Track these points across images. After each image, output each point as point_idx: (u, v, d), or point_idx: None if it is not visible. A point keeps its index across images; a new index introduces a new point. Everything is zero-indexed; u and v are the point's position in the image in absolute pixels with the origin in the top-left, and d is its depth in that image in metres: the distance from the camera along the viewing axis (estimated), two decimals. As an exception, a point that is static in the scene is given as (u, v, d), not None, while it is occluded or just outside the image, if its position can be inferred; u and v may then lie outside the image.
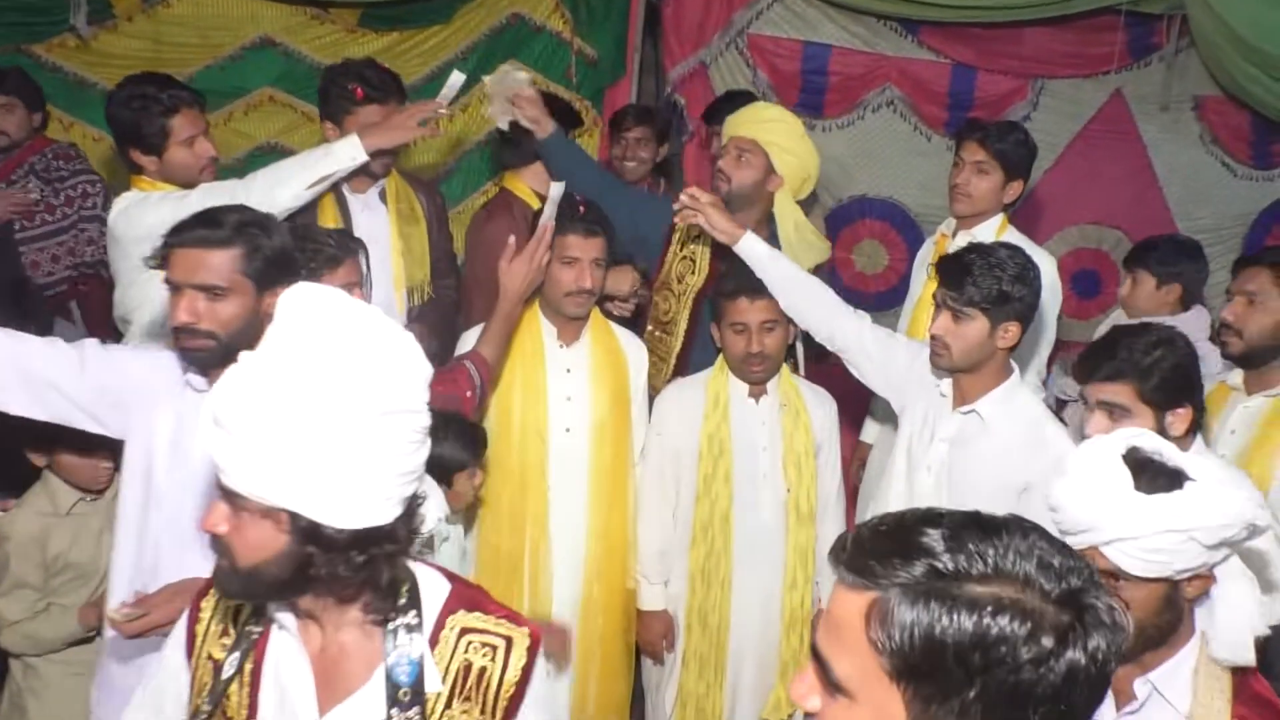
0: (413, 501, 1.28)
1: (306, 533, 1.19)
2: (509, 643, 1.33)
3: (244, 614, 1.37)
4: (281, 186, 2.62)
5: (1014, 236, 2.97)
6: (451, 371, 2.40)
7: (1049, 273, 2.77)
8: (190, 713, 1.37)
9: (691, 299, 2.93)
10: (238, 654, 1.33)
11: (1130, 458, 1.48)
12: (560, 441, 2.61)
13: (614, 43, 4.43)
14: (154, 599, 1.83)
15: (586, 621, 2.65)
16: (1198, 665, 1.48)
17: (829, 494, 2.73)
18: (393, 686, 1.28)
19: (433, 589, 1.34)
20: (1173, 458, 1.49)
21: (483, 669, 1.32)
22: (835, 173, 4.47)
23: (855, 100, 4.48)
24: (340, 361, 1.17)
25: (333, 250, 2.25)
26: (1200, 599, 1.51)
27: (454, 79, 2.70)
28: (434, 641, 1.31)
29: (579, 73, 4.40)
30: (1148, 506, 1.42)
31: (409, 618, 1.29)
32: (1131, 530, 1.42)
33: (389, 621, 1.29)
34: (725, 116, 3.09)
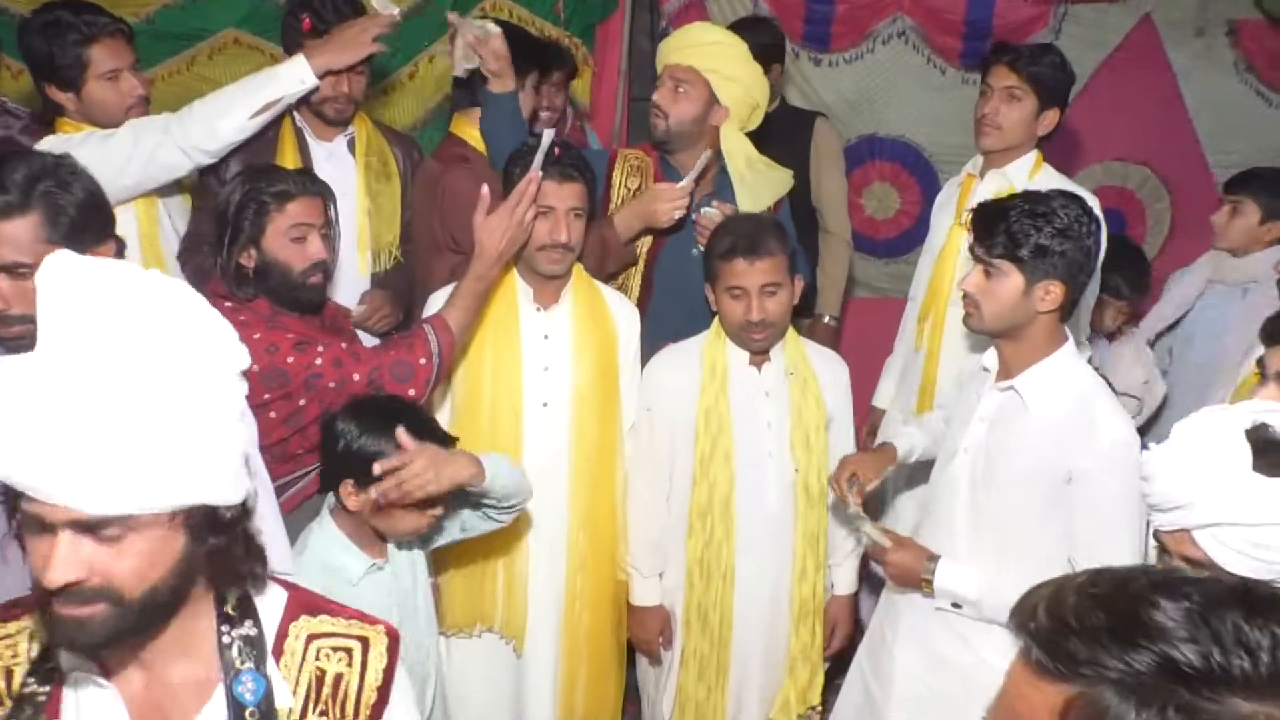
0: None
1: (203, 524, 1.04)
2: (365, 644, 1.20)
3: (16, 675, 1.09)
4: (222, 118, 2.32)
5: (1051, 176, 2.58)
6: (407, 336, 2.08)
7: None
8: None
9: (643, 261, 2.58)
10: None
11: (1256, 435, 1.27)
12: (537, 417, 2.25)
13: (604, -27, 4.03)
14: None
15: (571, 618, 2.32)
16: None
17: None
18: (237, 708, 1.10)
19: (268, 596, 1.18)
20: None
21: (339, 675, 1.18)
22: (843, 110, 4.07)
23: (864, 31, 4.05)
24: (149, 332, 0.98)
25: (285, 186, 1.97)
26: None
27: None
28: (278, 652, 1.16)
29: (567, 7, 3.93)
30: (1265, 490, 1.23)
31: (245, 628, 1.13)
32: (1238, 514, 1.23)
33: (221, 637, 1.12)
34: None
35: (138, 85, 2.40)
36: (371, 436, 1.79)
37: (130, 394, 0.94)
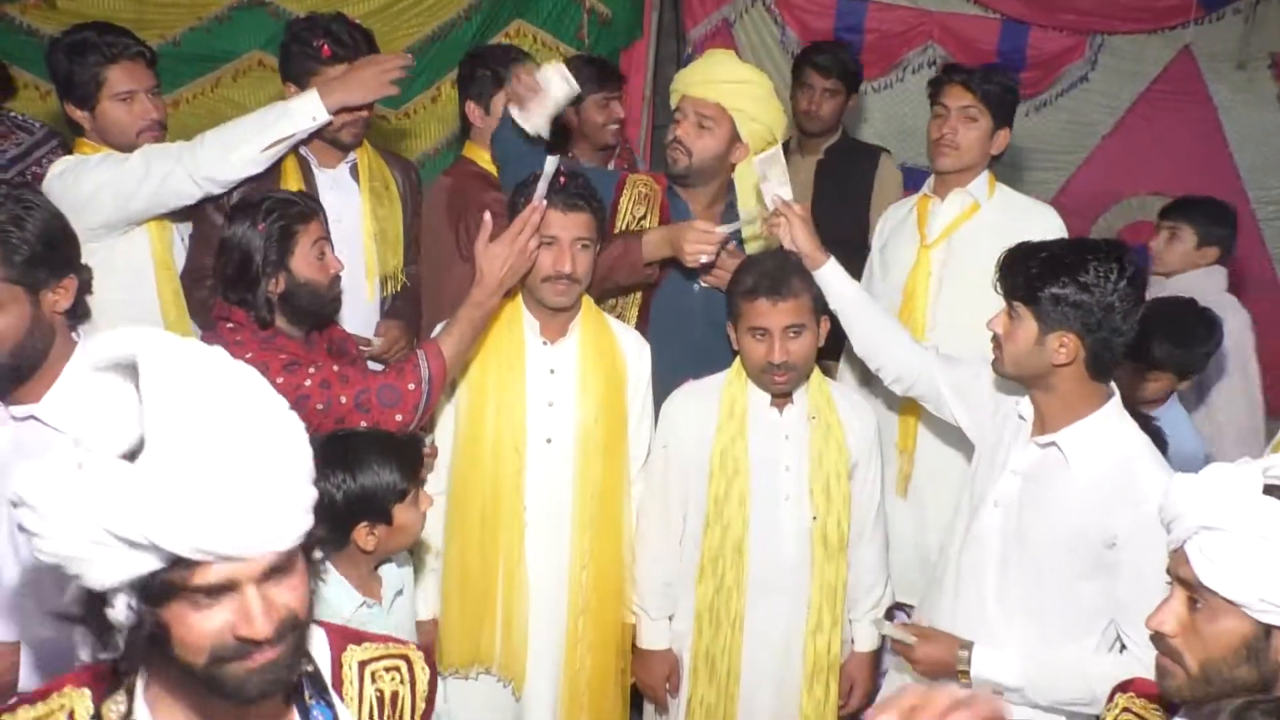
0: None
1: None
2: (408, 661, 1.28)
3: None
4: (234, 150, 2.27)
5: (1008, 194, 2.52)
6: (399, 362, 2.01)
7: (1058, 230, 2.39)
8: None
9: (641, 292, 2.46)
10: None
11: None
12: (540, 453, 2.14)
13: (630, 0, 3.94)
14: None
15: (572, 661, 2.19)
16: None
17: (865, 519, 2.24)
18: None
19: (310, 633, 1.19)
20: None
21: (395, 693, 1.26)
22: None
23: (894, 60, 4.01)
24: (253, 389, 1.04)
25: (300, 207, 1.95)
26: None
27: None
28: (338, 683, 1.20)
29: (592, 33, 3.89)
30: (1260, 504, 1.17)
31: (306, 667, 1.16)
32: (1224, 519, 1.17)
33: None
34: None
35: (152, 109, 2.35)
36: (368, 471, 1.72)
37: (271, 442, 1.01)
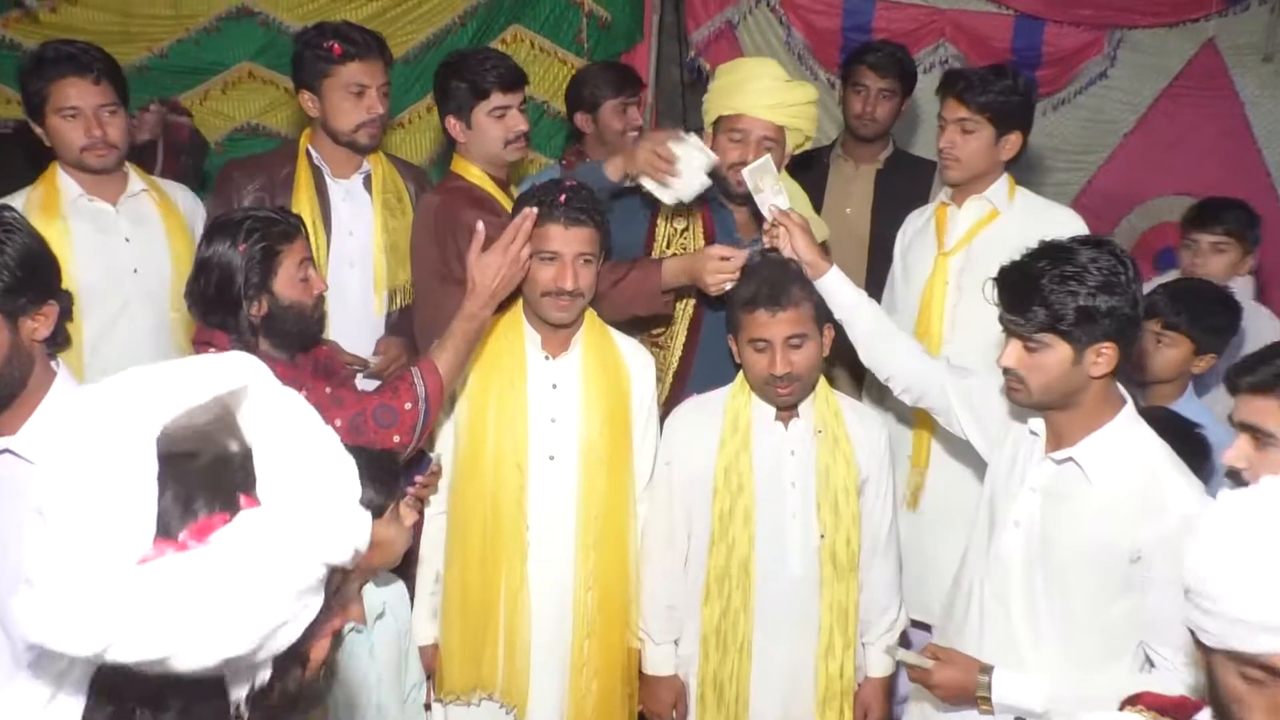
0: None
1: None
2: None
3: None
4: None
5: (1029, 198, 2.51)
6: (393, 380, 2.01)
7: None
8: None
9: (691, 304, 2.47)
10: None
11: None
12: (542, 470, 2.15)
13: (629, 3, 3.92)
14: None
15: (578, 686, 2.19)
16: None
17: (877, 538, 2.22)
18: None
19: None
20: None
21: None
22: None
23: (904, 60, 4.02)
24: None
25: (283, 226, 1.93)
26: None
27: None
28: None
29: (591, 37, 3.90)
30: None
31: None
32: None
33: None
34: None
35: (95, 127, 2.35)
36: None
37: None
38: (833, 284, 2.18)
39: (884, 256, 2.78)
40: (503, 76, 2.51)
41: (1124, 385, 1.83)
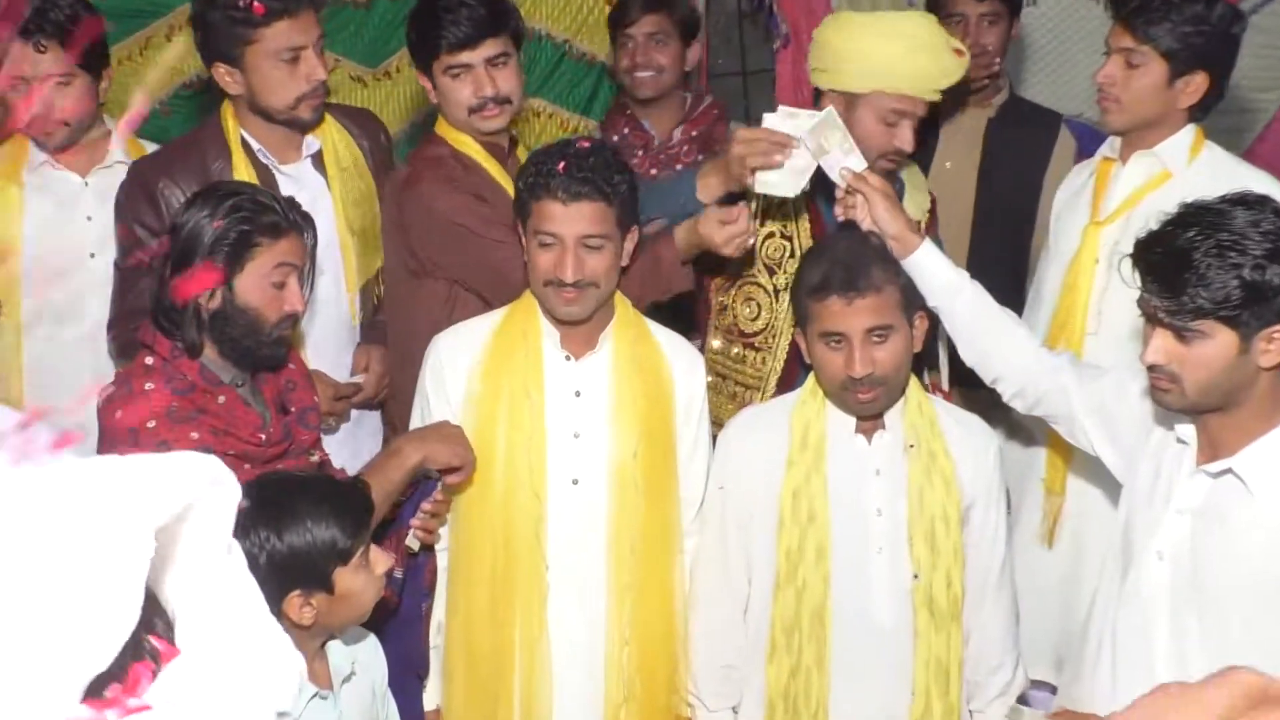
0: None
1: None
2: None
3: None
4: None
5: (1217, 156, 2.48)
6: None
7: None
8: None
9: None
10: None
11: None
12: (564, 497, 2.22)
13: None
14: None
15: (614, 763, 2.25)
16: None
17: (985, 578, 2.25)
18: None
19: None
20: None
21: None
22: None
23: (1026, -26, 4.04)
24: None
25: (275, 217, 2.01)
26: None
27: None
28: None
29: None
30: None
31: None
32: None
33: None
34: None
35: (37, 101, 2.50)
36: (298, 527, 1.78)
37: None
38: (925, 263, 2.20)
39: (991, 226, 2.83)
40: (455, 31, 2.50)
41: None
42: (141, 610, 0.73)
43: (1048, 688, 2.48)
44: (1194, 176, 2.41)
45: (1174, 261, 1.76)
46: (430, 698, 2.31)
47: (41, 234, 2.57)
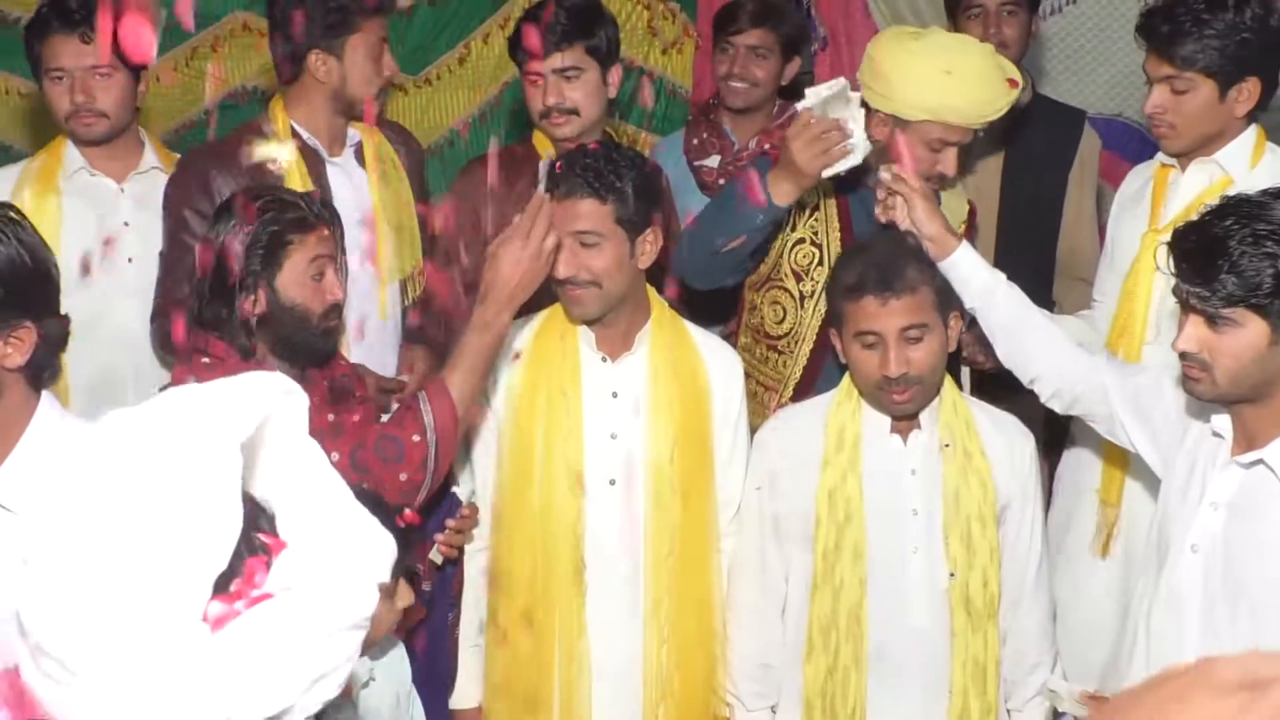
0: None
1: None
2: None
3: None
4: None
5: (1277, 164, 2.43)
6: (400, 407, 2.12)
7: None
8: None
9: (823, 300, 2.53)
10: None
11: None
12: (602, 498, 2.25)
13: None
14: None
15: (653, 761, 2.28)
16: None
17: (1023, 578, 2.26)
18: None
19: None
20: None
21: None
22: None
23: (1065, -28, 3.94)
24: None
25: (302, 213, 2.08)
26: None
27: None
28: None
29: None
30: None
31: None
32: None
33: None
34: None
35: (80, 92, 2.60)
36: None
37: None
38: (962, 264, 2.21)
39: (1017, 226, 2.80)
40: (529, 40, 2.67)
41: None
42: (245, 513, 0.88)
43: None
44: (1256, 180, 2.35)
45: (1208, 248, 1.78)
46: (471, 696, 2.35)
47: (79, 241, 2.62)
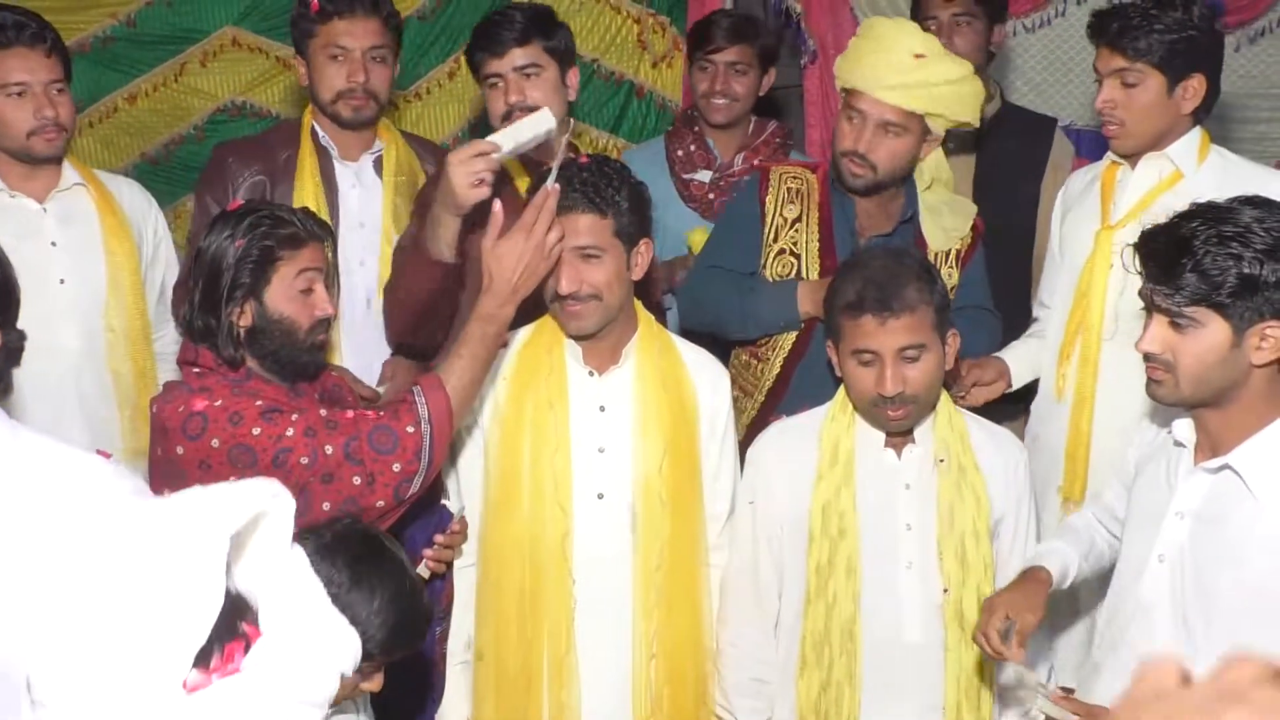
0: None
1: None
2: None
3: None
4: None
5: (1227, 159, 2.51)
6: (394, 399, 2.12)
7: None
8: None
9: (783, 354, 2.63)
10: None
11: None
12: (590, 512, 2.24)
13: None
14: None
15: (644, 779, 2.25)
16: None
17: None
18: None
19: None
20: None
21: None
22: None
23: (1048, -10, 3.99)
24: None
25: (293, 229, 2.08)
26: None
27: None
28: None
29: (651, -27, 4.08)
30: None
31: None
32: None
33: None
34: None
35: (46, 106, 2.55)
36: (366, 601, 1.67)
37: None
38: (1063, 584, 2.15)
39: (990, 238, 2.78)
40: (484, 41, 2.69)
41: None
42: (232, 605, 1.05)
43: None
44: (1206, 176, 2.47)
45: (1174, 248, 1.80)
46: (459, 712, 2.32)
47: None
